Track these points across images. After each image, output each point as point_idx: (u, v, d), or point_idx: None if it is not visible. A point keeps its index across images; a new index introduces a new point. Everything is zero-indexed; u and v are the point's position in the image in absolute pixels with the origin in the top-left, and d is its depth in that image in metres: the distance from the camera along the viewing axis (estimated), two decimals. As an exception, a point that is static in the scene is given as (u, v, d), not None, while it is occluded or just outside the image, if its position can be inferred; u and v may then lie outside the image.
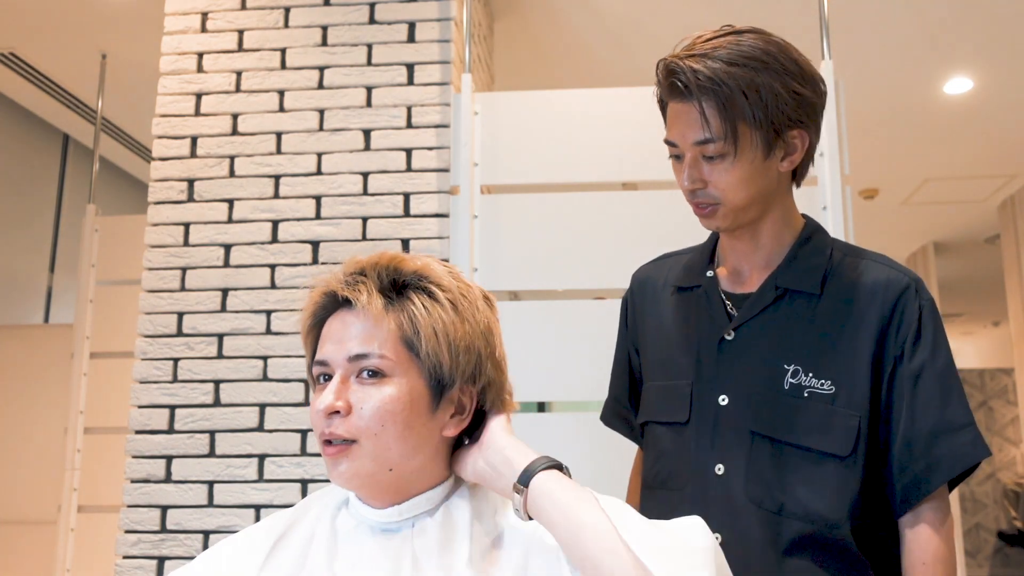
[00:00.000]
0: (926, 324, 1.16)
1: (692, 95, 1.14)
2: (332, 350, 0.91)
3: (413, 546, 0.90)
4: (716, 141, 1.13)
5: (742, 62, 1.14)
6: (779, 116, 1.14)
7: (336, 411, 0.88)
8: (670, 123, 1.20)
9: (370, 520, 0.93)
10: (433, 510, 0.93)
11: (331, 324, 0.93)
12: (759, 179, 1.16)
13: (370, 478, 0.90)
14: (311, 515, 0.97)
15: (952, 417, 1.14)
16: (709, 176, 1.16)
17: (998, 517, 8.60)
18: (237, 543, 0.96)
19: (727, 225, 1.20)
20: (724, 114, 1.12)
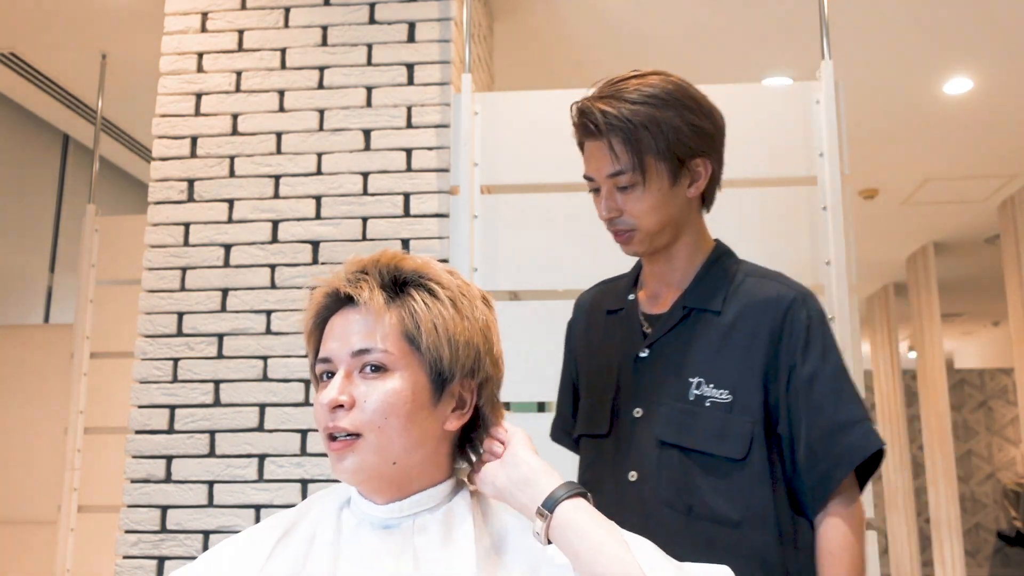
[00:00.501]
0: (814, 333, 1.26)
1: (602, 133, 1.26)
2: (335, 347, 0.92)
3: (414, 543, 0.91)
4: (626, 172, 1.26)
5: (644, 100, 1.26)
6: (681, 147, 1.27)
7: (340, 405, 0.90)
8: (586, 160, 1.32)
9: (372, 516, 0.94)
10: (434, 508, 0.94)
11: (334, 322, 0.95)
12: (669, 205, 1.29)
13: (374, 471, 0.90)
14: (313, 514, 0.97)
15: (845, 416, 1.23)
16: (624, 205, 1.29)
17: (998, 517, 8.60)
18: (238, 543, 0.97)
19: (644, 249, 1.33)
20: (631, 148, 1.25)
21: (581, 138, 1.33)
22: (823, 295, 2.10)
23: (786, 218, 2.15)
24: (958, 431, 8.71)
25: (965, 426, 8.79)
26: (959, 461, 8.50)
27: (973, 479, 8.68)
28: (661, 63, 3.61)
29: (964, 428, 8.79)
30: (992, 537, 8.55)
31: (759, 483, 1.23)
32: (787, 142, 2.18)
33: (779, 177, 2.19)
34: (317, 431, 2.05)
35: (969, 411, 8.84)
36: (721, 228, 2.16)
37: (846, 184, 2.12)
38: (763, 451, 1.23)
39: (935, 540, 6.10)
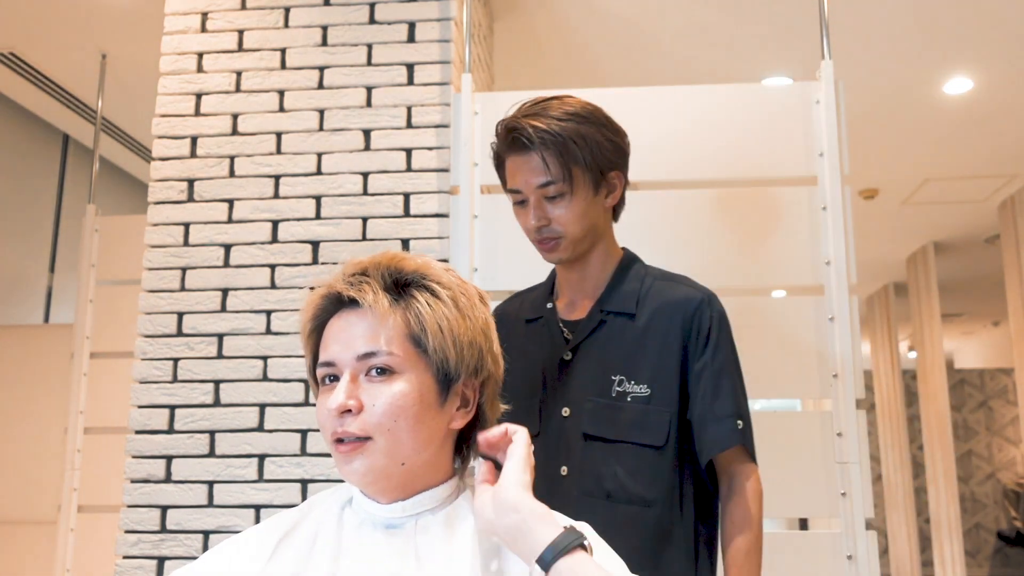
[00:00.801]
0: (714, 330, 1.41)
1: (534, 146, 1.38)
2: (339, 350, 0.92)
3: (416, 542, 0.91)
4: (555, 182, 1.38)
5: (568, 117, 1.39)
6: (602, 159, 1.41)
7: (348, 410, 0.89)
8: (512, 174, 1.43)
9: (374, 516, 0.94)
10: (437, 508, 0.94)
11: (334, 325, 0.94)
12: (591, 213, 1.42)
13: (383, 473, 0.91)
14: (314, 514, 0.97)
15: (719, 409, 1.39)
16: (552, 214, 1.41)
17: (998, 517, 8.60)
18: (239, 543, 0.97)
19: (567, 256, 1.44)
20: (561, 159, 1.37)
21: (506, 153, 1.43)
22: (823, 295, 2.10)
23: (786, 218, 2.15)
24: (958, 431, 8.72)
25: (965, 426, 8.80)
26: (959, 461, 8.50)
27: (973, 479, 8.68)
28: (661, 63, 3.65)
29: (964, 428, 8.79)
30: (992, 537, 8.55)
31: (673, 467, 1.38)
32: (787, 142, 2.18)
33: (779, 177, 2.19)
34: (317, 431, 2.05)
35: (969, 411, 8.85)
36: (721, 228, 2.17)
37: (846, 184, 2.12)
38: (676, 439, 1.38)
39: (935, 540, 6.10)
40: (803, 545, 2.02)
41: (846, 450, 2.01)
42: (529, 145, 1.38)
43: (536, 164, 1.39)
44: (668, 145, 2.22)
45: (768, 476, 2.06)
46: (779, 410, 2.39)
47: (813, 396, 2.12)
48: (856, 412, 2.03)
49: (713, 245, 2.15)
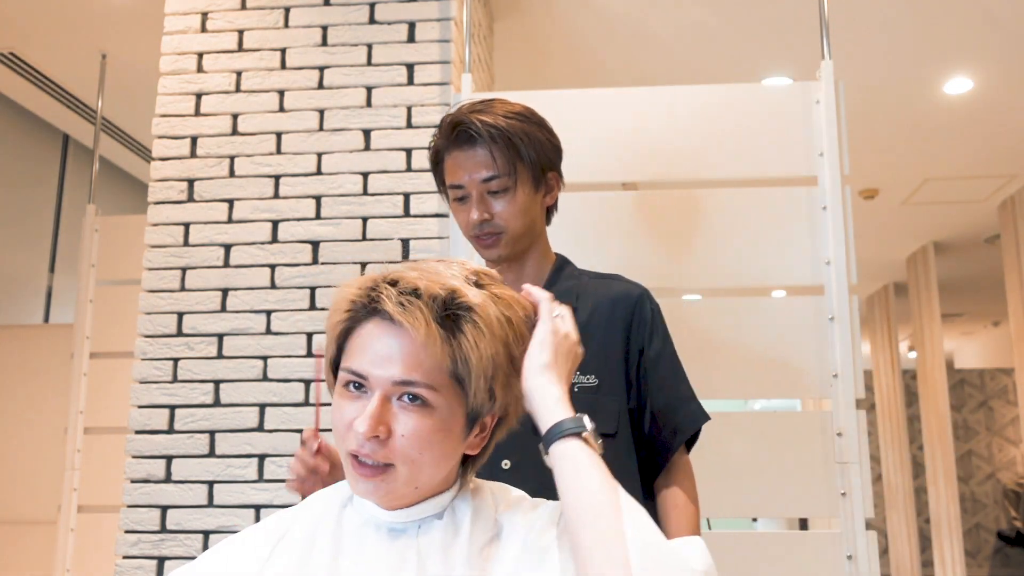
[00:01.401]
0: (657, 322, 1.48)
1: (482, 140, 1.40)
2: (374, 367, 0.88)
3: (418, 544, 0.91)
4: (500, 177, 1.41)
5: (514, 116, 1.43)
6: (543, 158, 1.45)
7: (376, 435, 0.87)
8: (454, 169, 1.44)
9: (377, 518, 0.94)
10: (440, 512, 0.94)
11: (370, 333, 0.90)
12: (531, 210, 1.46)
13: (396, 495, 0.90)
14: (313, 513, 0.97)
15: (683, 392, 1.48)
16: (494, 209, 1.43)
17: (998, 517, 8.60)
18: (237, 543, 0.97)
19: (507, 252, 1.46)
20: (507, 154, 1.41)
21: (449, 149, 1.45)
22: (823, 295, 2.10)
23: (786, 218, 2.15)
24: (958, 431, 8.71)
25: (965, 426, 8.79)
26: (959, 461, 8.50)
27: (973, 479, 8.68)
28: (661, 63, 3.64)
29: (964, 428, 8.79)
30: (992, 537, 8.55)
31: (626, 454, 1.41)
32: (787, 142, 2.18)
33: (779, 177, 2.19)
34: (317, 431, 2.04)
35: (969, 411, 8.84)
36: (721, 228, 2.17)
37: (846, 184, 2.12)
38: (628, 426, 1.43)
39: (935, 540, 6.10)
40: (803, 545, 2.02)
41: (846, 450, 2.01)
42: (476, 139, 1.40)
43: (482, 158, 1.41)
44: (668, 145, 2.22)
45: (768, 476, 2.06)
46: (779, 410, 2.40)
47: (813, 396, 2.12)
48: (856, 412, 2.03)
49: (713, 245, 2.15)
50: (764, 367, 2.09)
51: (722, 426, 2.11)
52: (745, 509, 2.08)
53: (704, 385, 2.11)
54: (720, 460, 2.07)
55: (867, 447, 2.03)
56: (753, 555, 2.03)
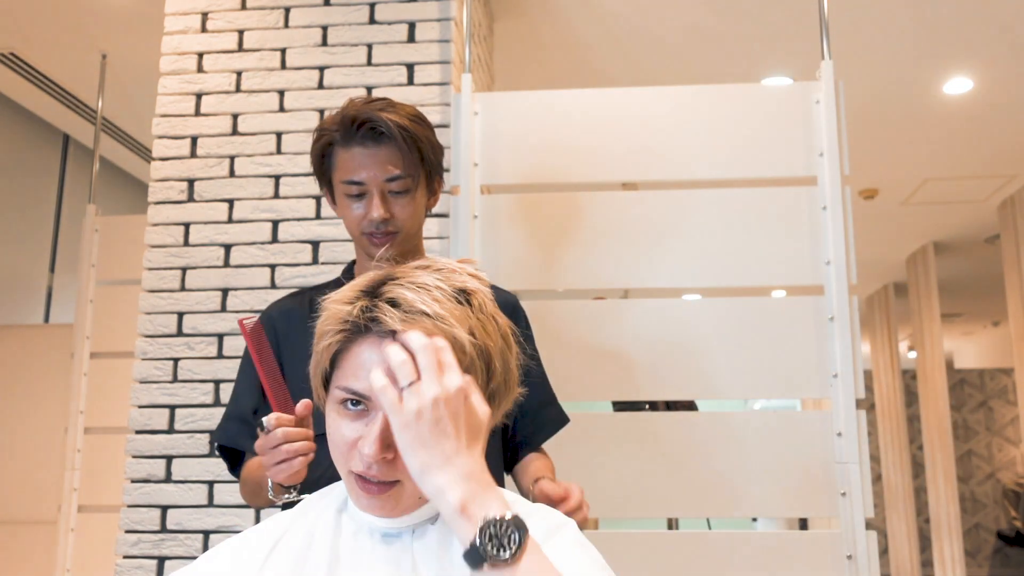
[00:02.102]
0: (529, 329, 1.55)
1: (391, 139, 1.39)
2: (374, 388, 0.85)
3: (413, 550, 0.91)
4: (404, 178, 1.41)
5: (414, 117, 1.44)
6: (435, 163, 1.47)
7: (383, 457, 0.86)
8: (351, 165, 1.42)
9: (371, 524, 0.94)
10: (435, 518, 0.94)
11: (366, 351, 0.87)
12: (421, 213, 1.48)
13: (402, 508, 0.90)
14: (309, 518, 0.97)
15: (548, 395, 1.58)
16: (393, 209, 1.43)
17: (998, 517, 8.60)
18: (233, 547, 0.96)
19: (399, 251, 1.44)
20: (412, 156, 1.41)
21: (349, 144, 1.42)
22: (823, 295, 2.10)
23: (786, 218, 2.15)
24: (958, 431, 8.71)
25: (965, 426, 8.79)
26: (959, 461, 8.50)
27: (973, 479, 8.68)
28: (661, 63, 3.64)
29: (964, 428, 8.79)
30: (992, 537, 8.55)
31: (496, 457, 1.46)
32: (787, 142, 2.18)
33: (779, 177, 2.19)
34: (317, 431, 2.03)
35: (969, 411, 8.84)
36: (721, 228, 2.17)
37: (846, 184, 2.12)
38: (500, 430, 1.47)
39: (935, 540, 6.10)
40: (803, 545, 2.02)
41: (846, 450, 2.01)
42: (386, 137, 1.39)
43: (388, 157, 1.40)
44: (668, 145, 2.22)
45: (768, 476, 2.06)
46: (779, 410, 2.40)
47: (813, 396, 2.12)
48: (856, 412, 2.03)
49: (713, 245, 2.15)
50: (764, 367, 2.09)
51: (722, 426, 2.11)
52: (745, 509, 2.08)
53: (704, 385, 2.12)
54: (720, 460, 2.07)
55: (867, 447, 2.03)
56: (753, 555, 2.03)
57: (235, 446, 1.49)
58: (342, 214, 1.47)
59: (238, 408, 1.50)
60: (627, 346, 2.13)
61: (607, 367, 2.14)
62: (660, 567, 2.03)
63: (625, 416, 2.22)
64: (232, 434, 1.49)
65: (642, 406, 2.75)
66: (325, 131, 1.44)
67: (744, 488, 2.06)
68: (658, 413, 2.53)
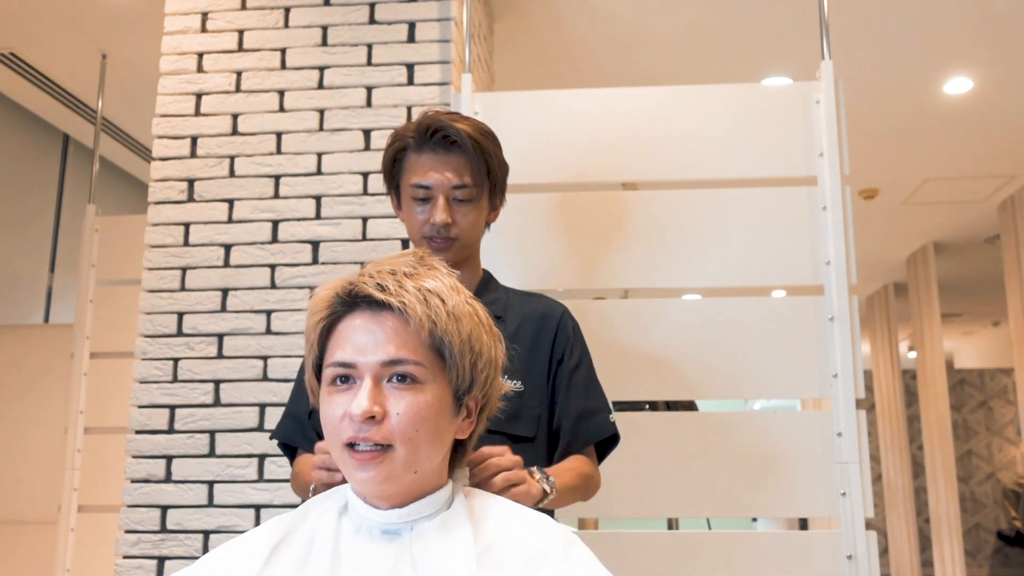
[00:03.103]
0: (577, 337, 1.55)
1: (462, 147, 1.44)
2: (359, 353, 0.91)
3: (412, 549, 0.91)
4: (470, 187, 1.46)
5: (485, 133, 1.49)
6: (500, 179, 1.53)
7: (372, 416, 0.89)
8: (422, 169, 1.47)
9: (371, 521, 0.94)
10: (433, 515, 0.94)
11: (350, 325, 0.94)
12: (481, 224, 1.52)
13: (396, 480, 0.91)
14: (311, 519, 0.97)
15: (593, 404, 1.52)
16: (456, 216, 1.47)
17: (998, 517, 8.60)
18: (235, 547, 0.96)
19: (455, 259, 1.48)
20: (479, 167, 1.46)
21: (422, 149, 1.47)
22: (823, 295, 2.10)
23: (786, 218, 2.15)
24: (958, 431, 8.71)
25: (965, 426, 8.79)
26: (959, 461, 8.49)
27: (973, 479, 8.68)
28: (661, 63, 3.64)
29: (964, 428, 8.79)
30: (992, 537, 8.55)
31: (542, 458, 1.45)
32: (787, 142, 2.18)
33: (779, 177, 2.19)
34: (317, 431, 2.03)
35: (969, 411, 8.84)
36: (721, 228, 2.17)
37: (846, 184, 2.12)
38: (546, 430, 1.47)
39: (935, 540, 6.10)
40: (803, 545, 2.02)
41: (846, 450, 2.01)
42: (458, 145, 1.44)
43: (458, 164, 1.45)
44: (668, 145, 2.22)
45: (768, 476, 2.06)
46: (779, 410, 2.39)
47: (813, 396, 2.12)
48: (856, 412, 2.03)
49: (713, 245, 2.15)
50: (764, 367, 2.09)
51: (722, 426, 2.11)
52: (745, 509, 2.08)
53: (704, 385, 2.12)
54: (720, 460, 2.07)
55: (867, 447, 2.03)
56: (753, 555, 2.03)
57: (290, 443, 1.53)
58: (406, 216, 1.51)
59: (296, 408, 1.54)
60: (627, 346, 2.13)
61: (607, 367, 2.13)
62: (660, 567, 2.03)
63: (625, 416, 2.22)
64: (289, 432, 1.53)
65: (642, 406, 2.75)
66: (400, 136, 1.50)
67: (744, 488, 2.06)
68: (658, 413, 2.54)
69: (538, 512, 1.00)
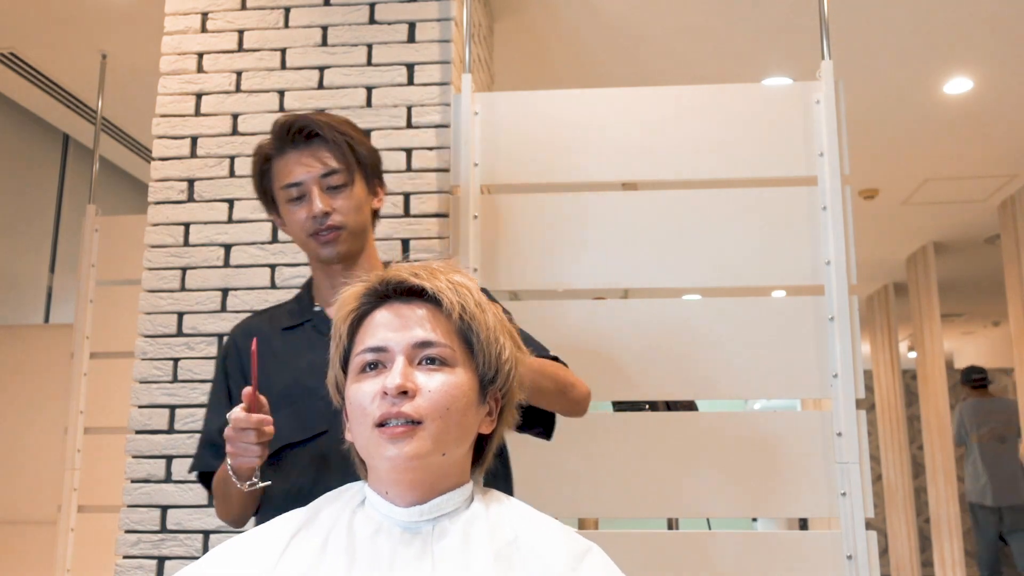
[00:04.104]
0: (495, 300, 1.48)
1: (323, 137, 1.44)
2: (392, 336, 0.95)
3: (433, 549, 0.91)
4: (339, 172, 1.45)
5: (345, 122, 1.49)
6: (371, 164, 1.51)
7: (405, 391, 0.91)
8: (288, 169, 1.46)
9: (392, 518, 0.93)
10: (453, 513, 0.94)
11: (381, 315, 0.97)
12: (365, 209, 1.49)
13: (425, 460, 0.92)
14: (324, 514, 0.97)
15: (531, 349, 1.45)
16: (334, 203, 1.44)
17: (998, 517, 8.59)
18: (247, 542, 0.96)
19: (345, 249, 1.46)
20: (346, 149, 1.45)
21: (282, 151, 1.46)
22: (823, 295, 2.10)
23: (786, 218, 2.15)
24: (958, 431, 8.70)
25: (965, 426, 8.78)
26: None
27: (973, 479, 8.67)
28: (661, 63, 3.64)
29: (964, 428, 8.77)
30: (992, 537, 8.53)
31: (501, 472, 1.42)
32: (787, 142, 2.18)
33: (779, 177, 2.19)
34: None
35: (969, 411, 8.83)
36: (721, 228, 2.17)
37: (846, 184, 2.12)
38: None
39: (935, 540, 6.10)
40: (803, 545, 2.02)
41: (846, 450, 2.01)
42: (318, 135, 1.44)
43: (321, 154, 1.44)
44: (668, 145, 2.22)
45: (768, 476, 2.06)
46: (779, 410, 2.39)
47: (813, 396, 2.12)
48: (856, 412, 2.03)
49: (713, 245, 2.15)
50: (764, 367, 2.09)
51: (722, 426, 2.11)
52: (745, 509, 2.08)
53: (704, 385, 2.12)
54: (720, 460, 2.07)
55: (867, 447, 2.03)
56: (753, 555, 2.03)
57: (210, 469, 1.48)
58: (288, 222, 1.49)
59: (210, 433, 1.50)
60: (627, 346, 2.13)
61: (607, 367, 2.13)
62: (660, 567, 2.03)
63: (625, 416, 2.22)
64: (208, 459, 1.49)
65: (642, 406, 2.75)
66: (260, 147, 1.50)
67: (744, 488, 2.06)
68: (658, 413, 2.54)
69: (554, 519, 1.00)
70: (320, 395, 1.35)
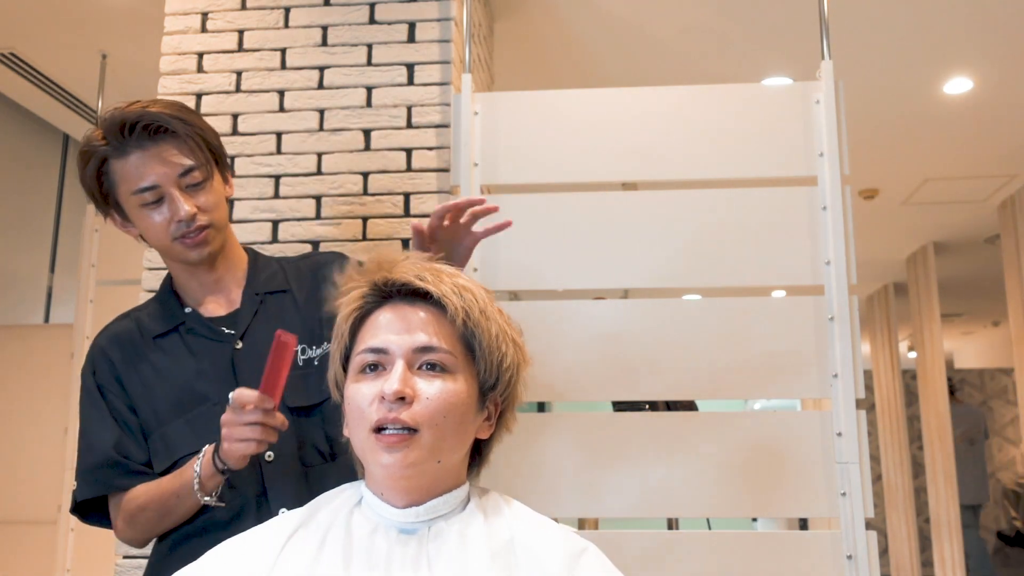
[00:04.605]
0: None
1: (172, 132, 1.30)
2: (394, 339, 0.94)
3: (428, 550, 0.91)
4: (197, 167, 1.32)
5: (180, 106, 1.35)
6: (218, 148, 1.39)
7: (403, 397, 0.90)
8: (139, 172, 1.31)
9: (388, 519, 0.93)
10: (449, 515, 0.94)
11: (383, 315, 0.96)
12: (223, 202, 1.39)
13: (421, 467, 0.91)
14: (321, 515, 0.97)
15: None
16: (197, 202, 1.33)
17: (998, 517, 8.60)
18: (243, 542, 0.96)
19: (216, 247, 1.37)
20: (198, 142, 1.33)
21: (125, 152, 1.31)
22: (823, 295, 2.10)
23: (786, 218, 2.15)
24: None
25: (965, 426, 8.79)
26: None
27: (973, 479, 8.68)
28: (661, 63, 3.64)
29: (964, 428, 8.78)
30: (992, 537, 8.55)
31: None
32: (787, 142, 2.18)
33: (779, 177, 2.19)
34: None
35: (969, 411, 8.84)
36: (721, 228, 2.17)
37: (846, 184, 2.12)
38: None
39: (935, 540, 6.10)
40: (803, 545, 2.02)
41: (846, 450, 2.01)
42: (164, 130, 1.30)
43: (174, 150, 1.30)
44: (668, 145, 2.22)
45: (768, 476, 2.06)
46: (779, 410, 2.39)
47: (813, 396, 2.12)
48: (856, 412, 2.03)
49: (713, 245, 2.15)
50: (764, 367, 2.09)
51: (722, 426, 2.11)
52: (745, 509, 2.08)
53: (704, 385, 2.12)
54: (720, 460, 2.07)
55: (867, 447, 2.03)
56: (753, 555, 2.03)
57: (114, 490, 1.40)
58: (142, 227, 1.36)
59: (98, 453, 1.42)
60: (627, 346, 2.13)
61: (607, 367, 2.13)
62: (660, 567, 2.03)
63: (625, 416, 2.22)
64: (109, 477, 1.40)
65: (642, 406, 2.75)
66: (92, 150, 1.33)
67: (744, 488, 2.06)
68: (658, 413, 2.53)
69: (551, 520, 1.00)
70: (214, 401, 1.33)
